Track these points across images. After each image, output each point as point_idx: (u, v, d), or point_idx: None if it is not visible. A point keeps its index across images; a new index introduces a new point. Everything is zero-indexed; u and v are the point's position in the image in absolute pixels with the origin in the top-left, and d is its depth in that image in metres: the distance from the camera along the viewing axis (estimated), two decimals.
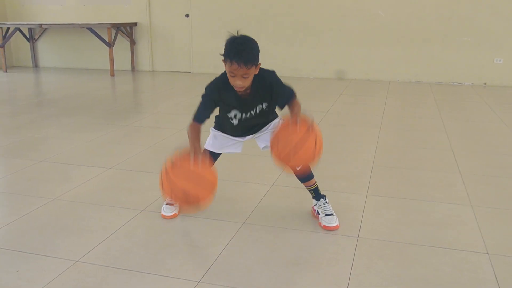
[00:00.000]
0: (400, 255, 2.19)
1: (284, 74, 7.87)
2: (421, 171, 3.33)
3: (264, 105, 2.30)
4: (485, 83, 7.25)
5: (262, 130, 2.45)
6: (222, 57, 2.10)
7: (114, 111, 5.40)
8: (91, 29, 7.88)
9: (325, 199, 2.52)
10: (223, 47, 2.09)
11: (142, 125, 4.70)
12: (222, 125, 2.45)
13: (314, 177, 2.51)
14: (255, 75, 2.16)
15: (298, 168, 2.36)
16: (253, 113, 2.31)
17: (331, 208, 2.50)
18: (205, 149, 2.48)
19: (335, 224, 2.43)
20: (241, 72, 2.05)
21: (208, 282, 1.96)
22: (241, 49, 2.03)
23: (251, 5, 7.71)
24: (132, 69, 8.69)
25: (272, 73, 2.26)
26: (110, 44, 7.91)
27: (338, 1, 7.51)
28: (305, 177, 2.48)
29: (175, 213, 2.56)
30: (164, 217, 2.54)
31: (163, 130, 4.49)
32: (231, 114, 2.31)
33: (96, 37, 7.92)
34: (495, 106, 5.58)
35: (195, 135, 2.21)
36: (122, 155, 3.65)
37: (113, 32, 8.10)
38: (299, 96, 2.36)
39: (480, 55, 7.17)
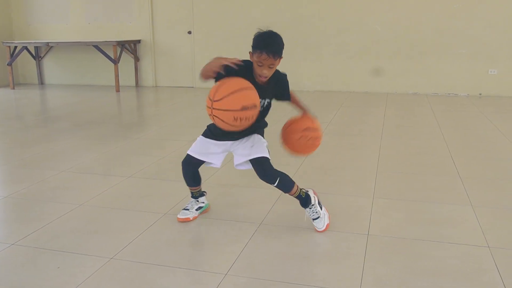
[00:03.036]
0: (408, 250, 2.38)
1: None
2: (423, 176, 3.53)
3: (267, 101, 2.48)
4: (480, 94, 7.50)
5: (245, 139, 2.54)
6: (250, 50, 2.30)
7: (123, 125, 5.60)
8: (97, 46, 8.11)
9: (310, 205, 2.60)
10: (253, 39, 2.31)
11: (152, 137, 4.89)
12: (212, 129, 2.55)
13: (295, 185, 2.58)
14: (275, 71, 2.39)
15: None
16: (263, 103, 2.44)
17: (317, 210, 2.59)
18: (188, 155, 2.60)
19: (323, 227, 2.56)
20: (269, 63, 2.28)
21: (235, 274, 2.14)
22: (270, 41, 2.29)
23: (252, 21, 7.97)
24: (136, 84, 8.91)
25: (286, 75, 2.54)
26: (115, 61, 8.14)
27: (337, 17, 7.79)
28: (285, 189, 2.57)
29: (188, 217, 2.73)
30: (179, 220, 2.72)
31: (174, 141, 4.69)
32: None
33: (101, 54, 8.16)
34: (491, 115, 5.81)
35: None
36: (139, 165, 3.84)
37: (119, 49, 8.34)
38: None
39: (475, 67, 7.44)
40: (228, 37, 8.07)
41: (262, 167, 2.50)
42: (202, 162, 2.63)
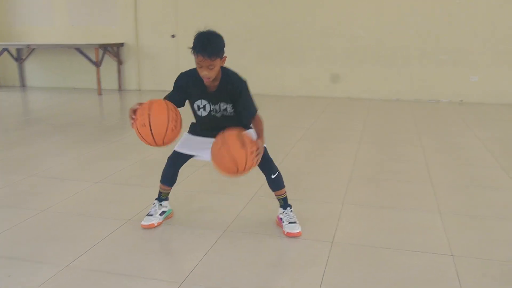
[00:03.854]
0: (371, 258, 2.34)
1: (269, 92, 8.11)
2: (396, 183, 3.51)
3: (229, 107, 2.45)
4: (461, 100, 7.53)
5: None
6: (191, 50, 2.30)
7: (102, 129, 5.53)
8: (79, 49, 8.04)
9: (291, 208, 2.66)
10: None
11: (129, 141, 4.83)
12: (195, 126, 2.62)
13: (285, 188, 2.66)
14: (226, 75, 2.40)
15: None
16: (219, 107, 2.45)
17: (295, 216, 2.64)
18: (175, 152, 2.62)
19: (297, 231, 2.56)
20: (207, 64, 2.28)
21: (191, 283, 2.09)
22: (206, 42, 2.28)
23: (237, 24, 7.96)
24: (119, 88, 8.83)
25: (244, 82, 2.46)
26: (97, 64, 8.06)
27: (321, 22, 7.79)
28: (277, 186, 2.62)
29: (153, 223, 2.67)
30: (143, 226, 2.66)
31: (149, 146, 4.62)
32: (199, 103, 2.46)
33: (83, 57, 8.08)
34: (470, 122, 5.82)
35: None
36: (109, 169, 3.78)
37: (101, 52, 8.27)
38: (284, 113, 2.56)
39: (457, 73, 7.46)
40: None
41: (265, 156, 2.53)
42: (188, 158, 2.64)
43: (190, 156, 2.63)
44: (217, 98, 2.44)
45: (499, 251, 2.41)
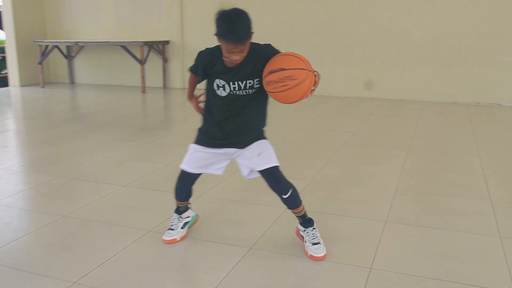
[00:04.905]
0: None
1: (315, 93, 7.74)
2: (448, 198, 3.13)
3: (255, 81, 2.13)
4: None
5: (251, 146, 2.26)
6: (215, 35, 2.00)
7: (139, 128, 5.42)
8: (124, 47, 8.04)
9: (313, 226, 2.35)
10: (215, 21, 1.99)
11: (163, 142, 4.68)
12: (204, 130, 2.30)
13: (302, 203, 2.35)
14: (251, 50, 2.08)
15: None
16: (243, 84, 2.12)
17: (318, 235, 2.33)
18: (183, 171, 2.36)
19: (322, 254, 2.26)
20: (238, 49, 1.99)
21: None
22: (234, 27, 1.95)
23: (282, 24, 7.67)
24: (164, 86, 8.79)
25: (268, 45, 2.20)
26: (142, 62, 8.03)
27: (370, 20, 7.36)
28: (292, 205, 2.32)
29: (175, 238, 2.45)
30: (164, 241, 2.45)
31: (183, 147, 4.44)
32: (218, 82, 2.13)
33: (129, 54, 8.07)
34: None
35: (191, 85, 2.37)
36: (138, 173, 3.62)
37: (146, 49, 8.24)
38: (328, 115, 2.29)
39: None
40: (256, 39, 7.78)
41: (274, 177, 2.25)
42: (200, 174, 2.37)
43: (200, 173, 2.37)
44: (239, 75, 2.11)
45: None
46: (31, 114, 6.34)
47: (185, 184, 2.43)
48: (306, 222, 2.35)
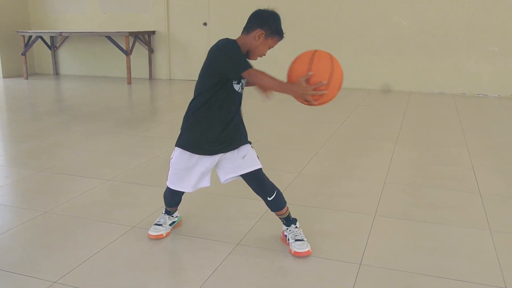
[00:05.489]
0: (404, 286, 1.98)
1: None
2: (437, 190, 3.10)
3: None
4: None
5: (232, 150, 2.17)
6: (263, 31, 2.04)
7: (124, 120, 5.32)
8: (109, 37, 7.88)
9: (295, 224, 2.31)
10: (267, 22, 2.05)
11: (149, 134, 4.59)
12: (199, 130, 2.14)
13: (286, 205, 2.29)
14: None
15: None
16: (243, 81, 2.12)
17: (301, 233, 2.28)
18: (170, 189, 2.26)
19: (306, 250, 2.20)
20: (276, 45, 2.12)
21: None
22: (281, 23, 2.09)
23: None
24: (149, 77, 8.65)
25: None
26: (127, 52, 7.89)
27: (359, 10, 7.31)
28: (276, 207, 2.27)
29: (162, 234, 2.39)
30: (150, 237, 2.38)
31: (168, 140, 4.36)
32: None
33: (114, 45, 7.92)
34: None
35: (270, 78, 1.98)
36: (123, 166, 3.54)
37: (131, 40, 8.09)
38: (316, 107, 2.24)
39: (508, 66, 6.84)
40: None
41: (258, 179, 2.20)
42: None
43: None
44: None
45: None
46: (14, 106, 6.19)
47: (173, 197, 2.36)
48: (289, 221, 2.31)
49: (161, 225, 2.42)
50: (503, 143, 4.33)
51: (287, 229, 2.29)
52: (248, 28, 2.09)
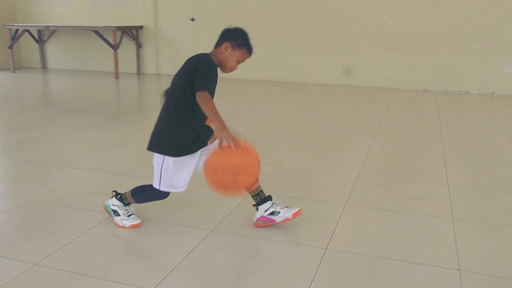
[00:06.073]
0: (367, 270, 2.11)
1: (289, 80, 7.83)
2: (408, 183, 3.24)
3: None
4: (493, 92, 7.08)
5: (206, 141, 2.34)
6: (229, 44, 2.28)
7: (111, 114, 5.40)
8: (97, 31, 7.93)
9: (271, 200, 2.45)
10: (233, 36, 2.30)
11: (134, 128, 4.68)
12: (182, 137, 2.29)
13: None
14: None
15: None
16: None
17: (278, 210, 2.44)
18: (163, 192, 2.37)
19: (297, 209, 2.43)
20: (245, 60, 2.34)
21: None
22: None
23: (257, 10, 7.68)
24: (137, 72, 8.72)
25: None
26: (115, 47, 7.95)
27: (345, 8, 7.43)
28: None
29: (133, 224, 2.47)
30: (131, 227, 2.47)
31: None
32: (213, 87, 2.26)
33: (102, 39, 7.97)
34: (500, 117, 5.43)
35: (215, 107, 2.11)
36: (107, 158, 3.63)
37: (119, 35, 8.15)
38: (300, 102, 2.40)
39: (489, 64, 7.01)
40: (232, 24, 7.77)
41: None
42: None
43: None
44: None
45: None
46: (1, 100, 6.24)
47: (162, 197, 2.42)
48: (265, 198, 2.44)
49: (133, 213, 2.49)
50: (477, 139, 4.48)
51: (267, 209, 2.43)
52: (218, 43, 2.34)
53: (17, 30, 8.45)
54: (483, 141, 4.39)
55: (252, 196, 2.43)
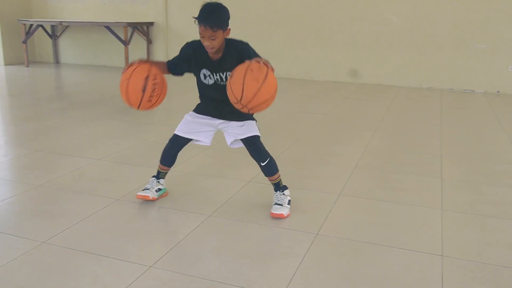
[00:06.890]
0: (354, 254, 2.23)
1: (295, 76, 7.95)
2: (402, 175, 3.35)
3: (228, 74, 2.40)
4: (498, 91, 7.13)
5: (234, 121, 2.54)
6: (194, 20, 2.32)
7: (119, 107, 5.56)
8: (108, 27, 8.12)
9: (282, 191, 2.63)
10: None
11: (142, 121, 4.84)
12: (200, 105, 2.61)
13: (278, 172, 2.64)
14: (229, 45, 2.39)
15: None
16: (223, 76, 2.43)
17: (284, 199, 2.61)
18: (175, 135, 2.62)
19: (279, 212, 2.53)
20: (208, 34, 2.28)
21: (159, 267, 2.05)
22: (209, 13, 2.29)
23: (264, 7, 7.80)
24: None
25: (245, 44, 2.43)
26: (125, 43, 8.13)
27: (351, 5, 7.52)
28: (269, 172, 2.62)
29: (148, 195, 2.66)
30: (137, 197, 2.68)
31: (161, 126, 4.63)
32: (204, 71, 2.46)
33: (113, 35, 8.15)
34: (501, 115, 5.49)
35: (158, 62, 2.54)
36: (114, 148, 3.79)
37: (129, 30, 8.32)
38: (305, 98, 2.50)
39: (494, 62, 7.05)
40: (240, 24, 7.90)
41: (254, 145, 2.56)
42: (188, 141, 2.64)
43: (190, 139, 2.63)
44: (221, 67, 2.43)
45: (495, 255, 2.24)
46: (15, 92, 6.45)
47: (173, 147, 2.67)
48: (278, 187, 2.64)
49: (148, 189, 2.70)
50: (475, 136, 4.56)
51: (274, 194, 2.62)
52: None
53: (31, 25, 8.67)
54: (481, 138, 4.47)
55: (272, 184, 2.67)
